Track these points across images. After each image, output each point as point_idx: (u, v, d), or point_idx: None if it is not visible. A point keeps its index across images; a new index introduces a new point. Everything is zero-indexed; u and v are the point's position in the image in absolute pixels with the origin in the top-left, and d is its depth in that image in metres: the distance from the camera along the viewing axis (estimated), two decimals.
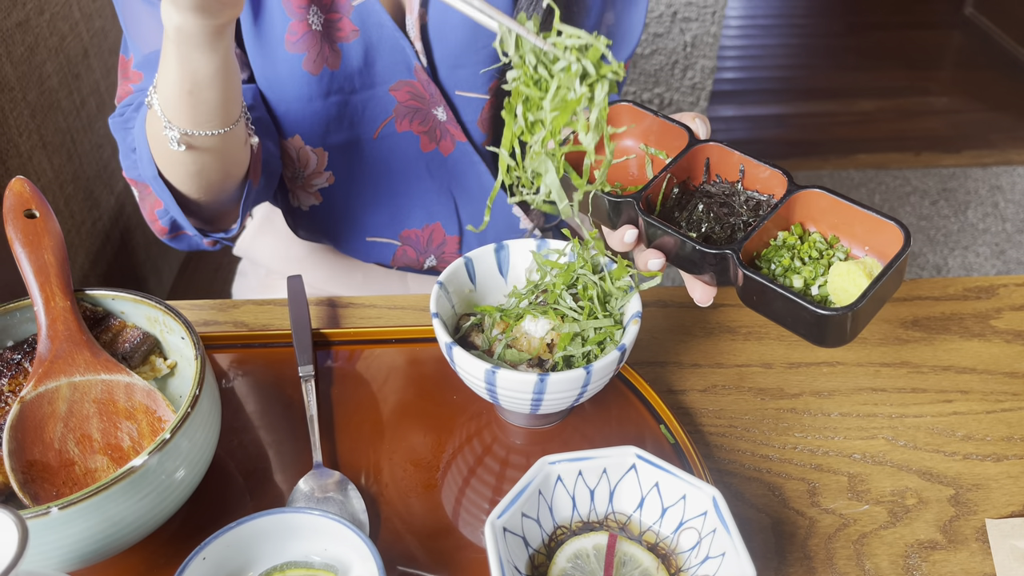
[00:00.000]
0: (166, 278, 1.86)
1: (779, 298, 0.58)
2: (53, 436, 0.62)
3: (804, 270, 0.61)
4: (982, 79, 3.38)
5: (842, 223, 0.62)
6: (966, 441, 0.75)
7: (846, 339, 0.58)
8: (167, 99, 0.70)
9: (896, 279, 0.58)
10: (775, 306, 0.59)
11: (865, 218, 0.60)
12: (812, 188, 0.63)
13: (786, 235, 0.63)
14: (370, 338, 0.82)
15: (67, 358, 0.63)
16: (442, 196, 0.96)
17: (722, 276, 0.62)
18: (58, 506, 0.52)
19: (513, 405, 0.67)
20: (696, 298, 0.66)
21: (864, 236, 0.61)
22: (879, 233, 0.59)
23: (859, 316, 0.56)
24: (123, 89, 0.87)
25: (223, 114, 0.72)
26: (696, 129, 0.69)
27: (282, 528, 0.58)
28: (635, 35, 0.97)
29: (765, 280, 0.58)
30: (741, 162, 0.66)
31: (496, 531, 0.57)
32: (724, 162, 0.68)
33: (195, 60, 0.67)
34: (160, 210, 0.83)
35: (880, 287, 0.56)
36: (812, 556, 0.66)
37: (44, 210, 0.68)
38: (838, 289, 0.58)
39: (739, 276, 0.60)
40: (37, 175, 1.32)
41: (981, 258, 2.47)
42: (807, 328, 0.58)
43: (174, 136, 0.72)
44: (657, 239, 0.65)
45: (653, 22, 2.26)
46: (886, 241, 0.58)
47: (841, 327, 0.56)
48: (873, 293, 0.55)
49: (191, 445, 0.59)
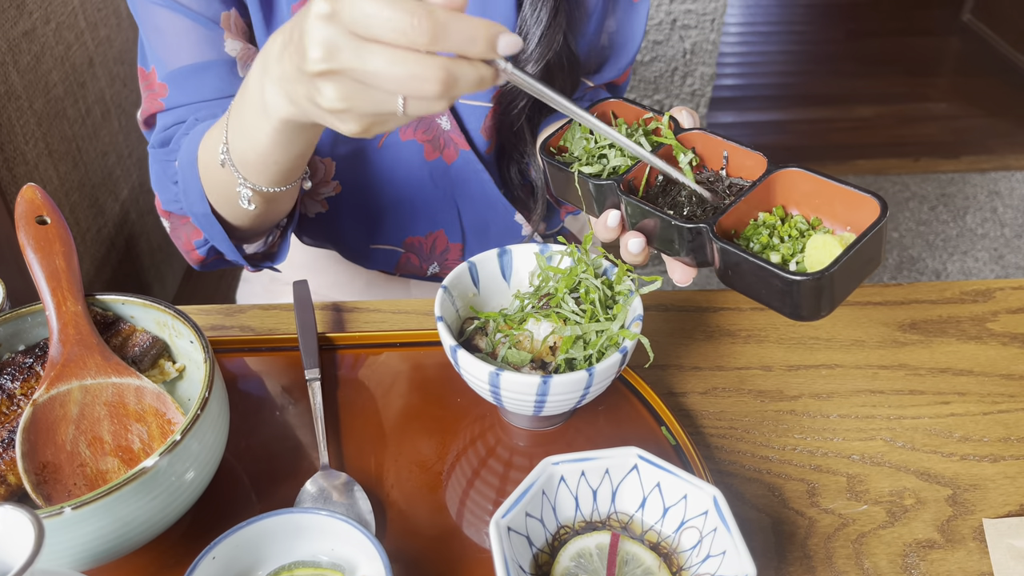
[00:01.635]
0: (170, 285, 1.87)
1: (751, 268, 0.57)
2: (65, 438, 0.63)
3: (782, 247, 0.61)
4: (980, 85, 3.40)
5: (823, 203, 0.62)
6: (963, 442, 0.76)
7: (821, 309, 0.56)
8: (248, 164, 0.68)
9: (873, 250, 0.57)
10: (749, 278, 0.58)
11: (844, 194, 0.60)
12: (790, 167, 0.63)
13: (766, 216, 0.63)
14: (375, 342, 0.83)
15: (78, 362, 0.64)
16: (445, 204, 0.97)
17: (700, 255, 0.62)
18: (71, 506, 0.53)
19: (517, 407, 0.68)
20: (676, 279, 0.66)
21: (845, 214, 0.60)
22: (858, 209, 0.59)
23: (832, 283, 0.55)
24: (151, 104, 0.85)
25: (302, 171, 0.73)
26: (681, 119, 0.70)
27: (290, 528, 0.59)
28: (636, 41, 0.98)
29: (737, 250, 0.58)
30: (724, 148, 0.67)
31: (501, 530, 0.58)
32: (709, 149, 0.68)
33: (293, 143, 0.65)
34: (199, 240, 0.83)
35: (854, 256, 0.55)
36: (811, 555, 0.67)
37: (55, 216, 0.69)
38: (814, 261, 0.57)
39: (714, 250, 0.60)
40: (43, 182, 1.33)
41: (980, 263, 2.48)
42: (780, 298, 0.57)
43: (247, 194, 0.71)
44: (638, 222, 0.65)
45: (652, 29, 2.27)
46: (865, 216, 0.57)
47: (814, 294, 0.55)
48: (846, 260, 0.54)
49: (201, 447, 0.60)
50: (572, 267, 0.72)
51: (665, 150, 0.68)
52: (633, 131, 0.70)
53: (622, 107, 0.74)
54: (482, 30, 0.48)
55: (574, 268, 0.72)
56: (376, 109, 0.51)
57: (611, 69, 0.99)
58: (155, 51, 0.83)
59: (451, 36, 0.47)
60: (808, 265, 0.58)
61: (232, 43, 0.82)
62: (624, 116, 0.74)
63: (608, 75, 1.00)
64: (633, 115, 0.73)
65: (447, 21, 0.47)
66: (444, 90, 0.49)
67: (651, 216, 0.63)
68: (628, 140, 0.62)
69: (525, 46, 0.85)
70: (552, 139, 0.74)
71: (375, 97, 0.50)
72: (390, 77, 0.48)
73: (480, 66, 0.50)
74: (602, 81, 1.00)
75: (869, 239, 0.56)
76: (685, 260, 0.65)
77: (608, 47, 0.98)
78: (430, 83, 0.48)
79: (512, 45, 0.50)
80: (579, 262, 0.72)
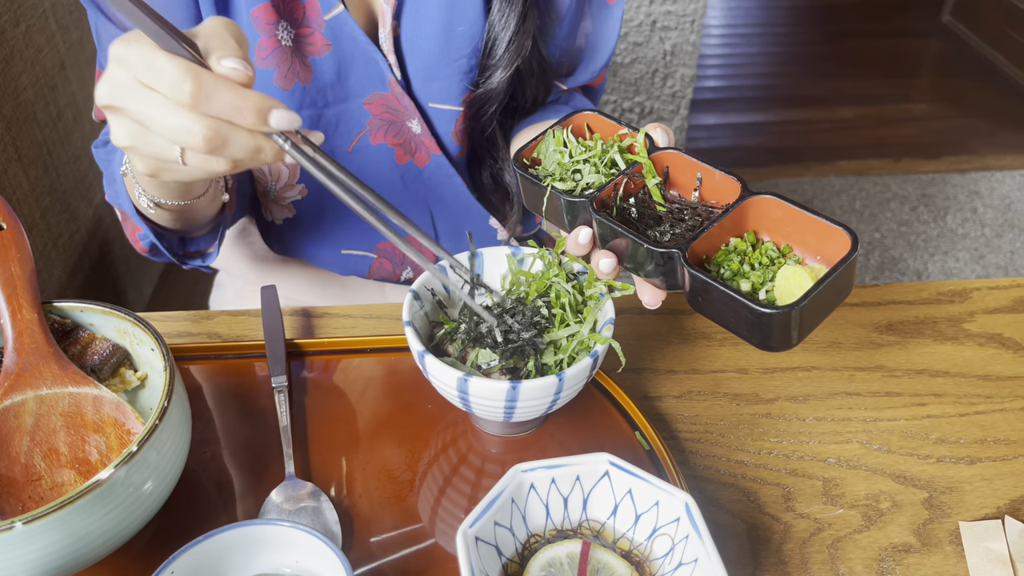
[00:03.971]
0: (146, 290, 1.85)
1: (722, 297, 0.57)
2: (19, 450, 0.61)
3: (753, 275, 0.60)
4: (960, 86, 3.42)
5: (795, 232, 0.62)
6: (940, 444, 0.75)
7: (791, 341, 0.56)
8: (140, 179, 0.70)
9: (844, 283, 0.57)
10: (718, 306, 0.58)
11: (816, 225, 0.60)
12: (764, 195, 0.62)
13: (738, 241, 0.63)
14: (344, 348, 0.81)
15: (34, 371, 0.63)
16: (418, 208, 0.96)
17: (670, 278, 0.62)
18: (22, 521, 0.51)
19: (486, 413, 0.67)
20: (645, 301, 0.66)
21: (816, 244, 0.60)
22: (829, 241, 0.59)
23: (802, 316, 0.55)
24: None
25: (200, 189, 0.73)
26: (656, 137, 0.69)
27: (253, 540, 0.58)
28: (610, 44, 0.97)
29: (708, 278, 0.57)
30: (699, 170, 0.66)
31: (468, 541, 0.57)
32: (682, 170, 0.68)
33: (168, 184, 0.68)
34: (140, 234, 0.83)
35: (824, 289, 0.55)
36: (787, 561, 0.66)
37: (12, 222, 0.67)
38: (784, 292, 0.58)
39: (685, 275, 0.59)
40: (12, 188, 1.31)
41: (961, 263, 2.49)
42: (749, 328, 0.57)
43: (146, 205, 0.73)
44: (609, 241, 0.65)
45: (632, 31, 2.27)
46: (836, 248, 0.58)
47: (783, 327, 0.55)
48: (816, 294, 0.54)
49: (160, 457, 0.58)
50: (544, 271, 0.71)
51: (637, 168, 0.67)
52: (608, 148, 0.70)
53: (598, 120, 0.73)
54: (250, 102, 0.52)
55: (545, 272, 0.71)
56: (157, 154, 0.55)
57: (585, 72, 0.98)
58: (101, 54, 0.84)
59: (214, 103, 0.51)
60: (778, 295, 0.58)
61: None
62: (600, 131, 0.72)
63: (582, 78, 0.99)
64: (609, 130, 0.72)
65: (212, 88, 0.51)
66: (210, 148, 0.52)
67: (623, 237, 0.63)
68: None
69: (493, 51, 0.84)
70: (526, 150, 0.73)
71: (155, 142, 0.54)
72: (160, 124, 0.52)
73: (257, 136, 0.54)
74: (576, 84, 0.99)
75: (840, 273, 0.56)
76: (655, 283, 0.64)
77: (582, 50, 0.97)
78: (195, 138, 0.52)
79: (285, 121, 0.53)
80: (550, 266, 0.71)
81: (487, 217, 0.98)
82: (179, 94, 0.50)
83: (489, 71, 0.85)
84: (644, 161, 0.67)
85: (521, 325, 0.68)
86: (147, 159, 0.56)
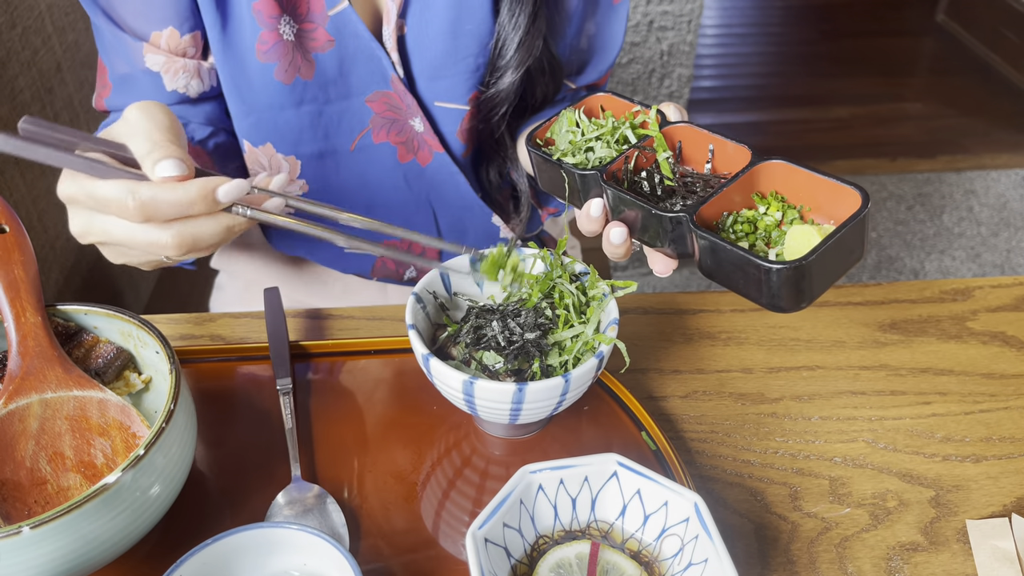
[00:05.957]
0: (143, 292, 1.84)
1: (729, 257, 0.56)
2: (24, 454, 0.61)
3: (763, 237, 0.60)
4: (955, 85, 3.43)
5: (807, 195, 0.61)
6: (945, 442, 0.75)
7: (800, 300, 0.56)
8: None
9: (854, 242, 0.56)
10: (727, 268, 0.57)
11: (826, 186, 0.59)
12: (774, 159, 0.62)
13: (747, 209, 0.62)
14: (348, 350, 0.81)
15: (38, 375, 0.62)
16: (420, 207, 0.96)
17: (680, 245, 0.61)
18: (29, 525, 0.51)
19: (492, 415, 0.66)
20: (656, 270, 0.66)
21: (828, 207, 0.60)
22: (841, 201, 0.58)
23: (810, 273, 0.54)
24: (98, 100, 0.87)
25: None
26: (668, 113, 0.69)
27: (260, 543, 0.57)
28: (617, 43, 0.97)
29: (715, 238, 0.57)
30: (711, 141, 0.66)
31: (477, 542, 0.56)
32: (695, 143, 0.68)
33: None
34: None
35: (832, 246, 0.54)
36: (795, 560, 0.66)
37: (14, 225, 0.66)
38: (793, 252, 0.57)
39: (693, 240, 0.59)
40: (10, 190, 1.30)
41: (957, 261, 2.49)
42: (757, 288, 0.56)
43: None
44: (620, 212, 0.65)
45: (630, 31, 2.27)
46: (847, 208, 0.57)
47: (791, 284, 0.54)
48: (824, 250, 0.54)
49: (166, 461, 0.58)
50: (547, 272, 0.71)
51: (648, 143, 0.67)
52: (620, 124, 0.70)
53: (611, 101, 0.73)
54: (194, 193, 0.53)
55: (549, 273, 0.71)
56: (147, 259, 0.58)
57: (592, 71, 0.98)
58: (104, 54, 0.84)
59: (162, 210, 0.52)
60: (788, 255, 0.58)
61: (153, 58, 0.82)
62: (613, 110, 0.73)
63: (590, 77, 0.99)
64: (622, 109, 0.73)
65: (152, 199, 0.52)
66: (184, 251, 0.54)
67: (632, 206, 0.63)
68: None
69: (503, 52, 0.84)
70: (539, 131, 0.73)
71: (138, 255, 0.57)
72: (132, 244, 0.54)
73: (221, 217, 0.55)
74: (583, 83, 0.99)
75: (849, 229, 0.55)
76: (666, 251, 0.64)
77: (588, 50, 0.97)
78: (168, 248, 0.54)
79: (232, 191, 0.54)
80: (553, 266, 0.71)
81: (490, 216, 0.97)
82: (128, 215, 0.52)
83: (499, 72, 0.85)
84: (656, 135, 0.67)
85: (525, 327, 0.68)
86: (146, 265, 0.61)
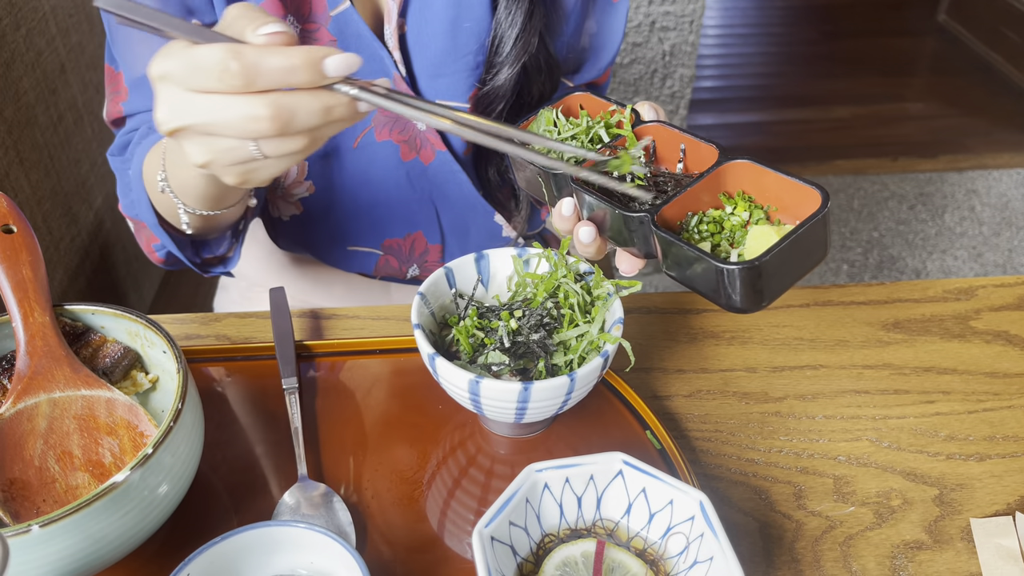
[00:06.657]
0: (147, 293, 1.85)
1: (688, 257, 0.57)
2: (33, 453, 0.61)
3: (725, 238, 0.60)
4: (956, 85, 3.43)
5: (771, 195, 0.61)
6: (949, 441, 0.75)
7: (758, 301, 0.56)
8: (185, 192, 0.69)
9: (814, 242, 0.56)
10: (685, 269, 0.57)
11: (789, 186, 0.59)
12: (739, 159, 0.62)
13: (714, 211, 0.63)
14: (353, 349, 0.81)
15: (46, 374, 0.62)
16: (423, 205, 0.96)
17: (645, 245, 0.62)
18: (39, 524, 0.51)
19: (497, 415, 0.67)
20: (622, 269, 0.66)
21: (793, 207, 0.60)
22: (804, 201, 0.58)
23: (767, 273, 0.54)
24: (113, 107, 0.86)
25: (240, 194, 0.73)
26: (643, 112, 0.70)
27: (267, 542, 0.58)
28: (616, 41, 0.97)
29: (673, 238, 0.57)
30: (682, 141, 0.67)
31: (484, 540, 0.57)
32: (667, 142, 0.68)
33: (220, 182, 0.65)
34: (157, 244, 0.83)
35: (790, 246, 0.54)
36: (799, 559, 0.66)
37: (22, 225, 0.67)
38: (753, 252, 0.57)
39: (654, 240, 0.60)
40: (14, 191, 1.31)
41: (959, 261, 2.49)
42: (715, 288, 0.56)
43: (185, 218, 0.72)
44: (590, 212, 0.65)
45: (631, 31, 2.27)
46: (811, 208, 0.57)
47: (747, 283, 0.54)
48: (780, 250, 0.54)
49: (174, 460, 0.58)
50: (552, 271, 0.71)
51: (620, 142, 0.67)
52: (594, 124, 0.70)
53: (589, 100, 0.74)
54: (299, 58, 0.47)
55: (553, 272, 0.71)
56: (235, 158, 0.51)
57: (591, 69, 0.99)
58: (122, 56, 0.82)
59: (264, 72, 0.47)
60: (748, 255, 0.58)
61: None
62: (590, 109, 0.74)
63: (588, 75, 0.99)
64: (599, 108, 0.73)
65: (257, 59, 0.47)
66: (280, 127, 0.48)
67: (598, 206, 0.63)
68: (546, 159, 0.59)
69: (500, 48, 0.84)
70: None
71: (227, 146, 0.51)
72: (224, 123, 0.49)
73: (321, 95, 0.49)
74: (582, 81, 1.00)
75: (806, 230, 0.55)
76: (633, 251, 0.64)
77: (587, 48, 0.97)
78: (263, 122, 0.48)
79: (341, 65, 0.49)
80: (557, 266, 0.71)
81: (492, 214, 0.98)
82: (228, 78, 0.47)
83: (496, 68, 0.85)
84: (628, 135, 0.67)
85: (530, 327, 0.68)
86: (230, 169, 0.53)
